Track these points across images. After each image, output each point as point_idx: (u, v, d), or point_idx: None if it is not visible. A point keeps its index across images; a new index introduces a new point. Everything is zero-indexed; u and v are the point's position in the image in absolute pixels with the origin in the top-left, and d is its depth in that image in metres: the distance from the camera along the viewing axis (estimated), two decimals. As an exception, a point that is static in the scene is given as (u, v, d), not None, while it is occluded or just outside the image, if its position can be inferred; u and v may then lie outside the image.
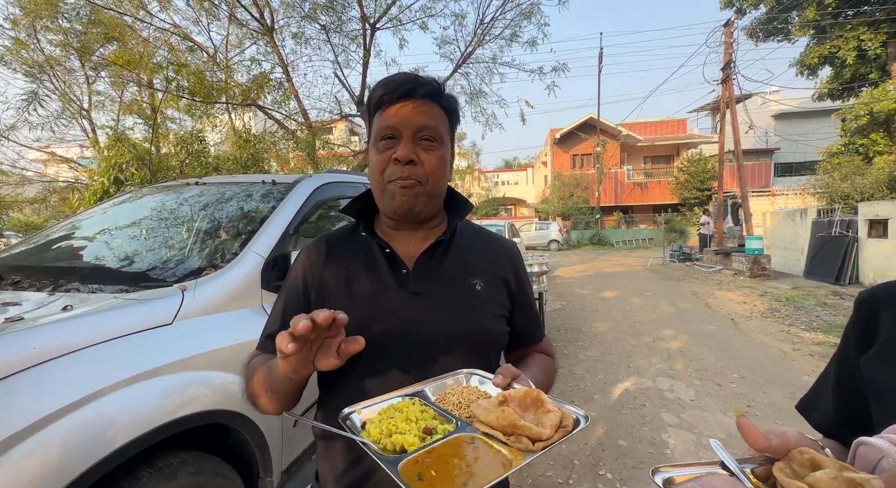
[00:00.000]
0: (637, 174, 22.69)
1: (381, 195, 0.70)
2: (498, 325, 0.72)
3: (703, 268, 10.78)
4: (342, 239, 0.77)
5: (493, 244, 0.80)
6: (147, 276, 1.43)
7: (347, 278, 0.71)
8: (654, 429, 2.57)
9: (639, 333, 4.82)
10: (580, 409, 0.52)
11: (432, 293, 0.69)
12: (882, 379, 0.50)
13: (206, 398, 1.14)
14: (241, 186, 1.96)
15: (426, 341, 0.66)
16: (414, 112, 0.66)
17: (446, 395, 0.58)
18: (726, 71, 11.15)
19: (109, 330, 0.99)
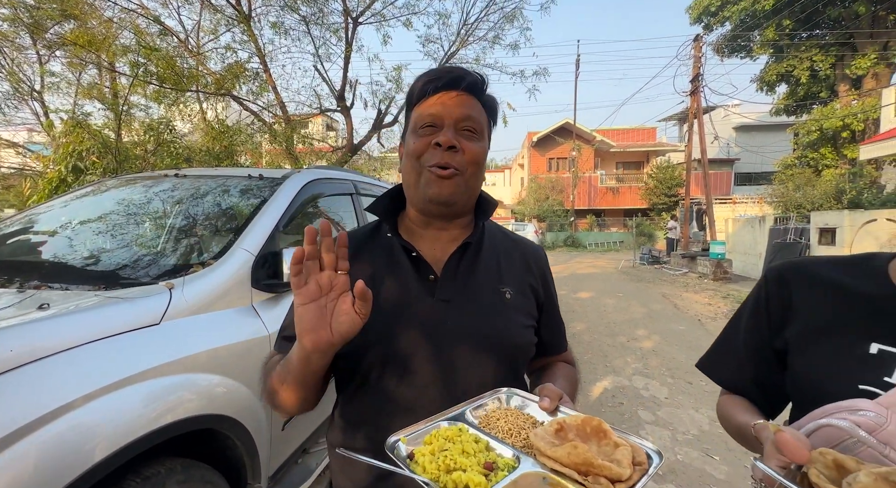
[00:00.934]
0: (609, 179, 23.44)
1: (417, 180, 0.66)
2: (528, 336, 0.70)
3: (670, 271, 11.28)
4: (363, 239, 0.74)
5: (520, 248, 0.78)
6: (129, 273, 1.34)
7: (372, 282, 0.66)
8: (632, 427, 2.66)
9: (614, 333, 4.98)
10: (648, 442, 0.46)
11: (461, 301, 0.66)
12: (806, 358, 0.54)
13: (192, 403, 1.08)
14: (226, 180, 1.88)
15: (454, 351, 0.63)
16: (458, 102, 0.65)
17: (489, 418, 0.53)
18: (695, 83, 11.72)
19: (93, 330, 0.92)
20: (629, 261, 13.70)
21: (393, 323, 0.64)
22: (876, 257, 0.56)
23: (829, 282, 0.56)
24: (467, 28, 7.59)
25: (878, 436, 0.43)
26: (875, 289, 0.52)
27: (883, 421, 0.43)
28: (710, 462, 2.26)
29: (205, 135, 6.02)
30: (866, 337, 0.50)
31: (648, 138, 24.28)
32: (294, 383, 0.58)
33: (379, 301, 0.65)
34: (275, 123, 7.28)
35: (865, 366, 0.49)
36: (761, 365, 0.61)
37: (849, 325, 0.52)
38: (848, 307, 0.53)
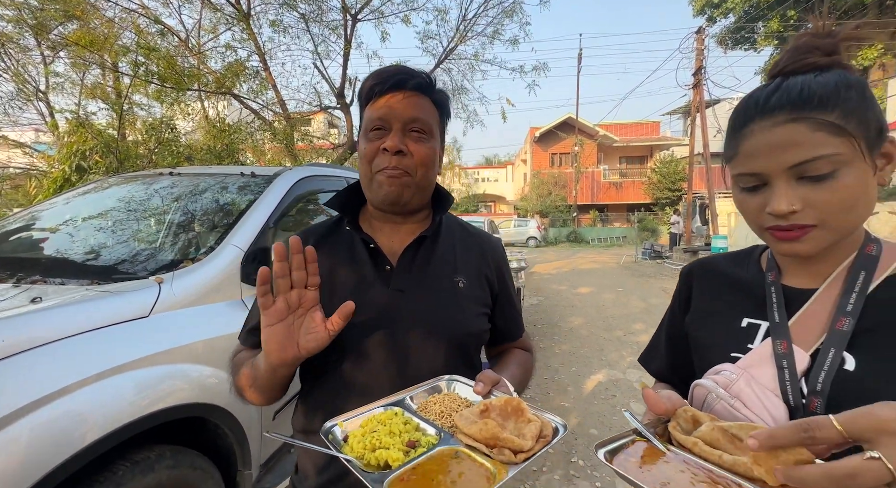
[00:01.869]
0: (612, 174, 23.32)
1: (370, 184, 0.70)
2: (480, 324, 0.73)
3: (672, 266, 11.25)
4: (324, 232, 0.77)
5: (477, 240, 0.81)
6: (120, 269, 1.39)
7: (330, 273, 0.71)
8: (623, 419, 2.67)
9: (611, 327, 5.01)
10: (558, 417, 0.52)
11: (415, 290, 0.69)
12: (698, 335, 0.62)
13: (182, 392, 1.13)
14: (219, 178, 1.92)
15: (407, 338, 0.67)
16: (404, 103, 0.66)
17: (428, 403, 0.58)
18: (697, 76, 11.61)
19: (82, 322, 0.97)
20: (631, 257, 13.66)
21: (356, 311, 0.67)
22: (756, 249, 0.65)
23: (719, 272, 0.65)
24: (466, 23, 7.56)
25: (730, 391, 0.51)
26: (748, 274, 0.61)
27: (735, 379, 0.52)
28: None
29: (206, 133, 6.08)
30: (739, 313, 0.59)
31: (652, 132, 24.09)
32: (261, 388, 0.63)
33: (337, 291, 0.69)
34: (275, 121, 7.33)
35: (736, 337, 0.57)
36: (676, 351, 0.68)
37: (728, 305, 0.61)
38: (729, 291, 0.62)
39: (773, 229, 0.50)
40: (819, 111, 0.46)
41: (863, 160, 0.46)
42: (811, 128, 0.46)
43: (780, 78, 0.51)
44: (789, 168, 0.47)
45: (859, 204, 0.47)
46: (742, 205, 0.54)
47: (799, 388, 0.49)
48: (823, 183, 0.46)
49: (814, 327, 0.51)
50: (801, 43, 0.51)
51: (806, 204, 0.47)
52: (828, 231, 0.48)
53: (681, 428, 0.48)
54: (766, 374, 0.51)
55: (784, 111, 0.47)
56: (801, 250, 0.50)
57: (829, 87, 0.46)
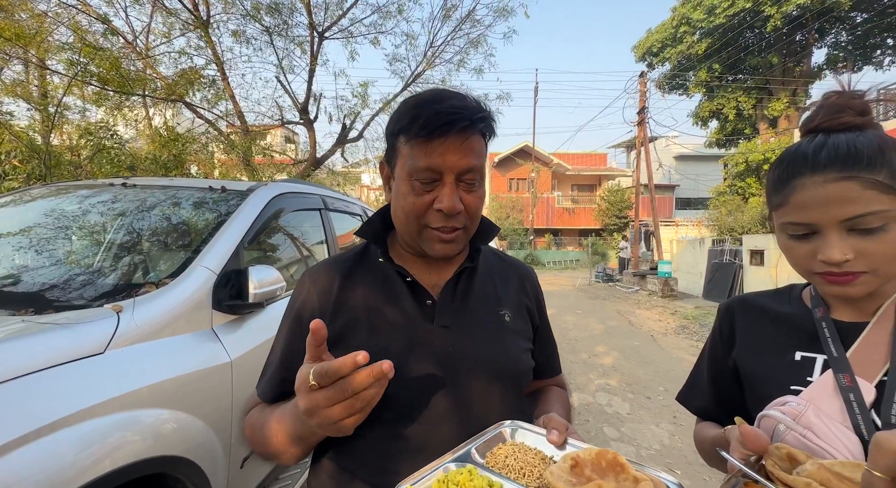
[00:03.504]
0: (566, 200, 24.64)
1: (416, 237, 0.62)
2: (528, 360, 0.68)
3: (623, 289, 11.89)
4: (354, 263, 0.69)
5: (514, 269, 0.76)
6: (63, 296, 1.16)
7: (367, 310, 0.62)
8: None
9: (576, 350, 5.11)
10: (668, 474, 0.45)
11: (461, 326, 0.63)
12: (751, 368, 0.64)
13: (133, 445, 0.94)
14: (183, 191, 1.73)
15: (462, 380, 0.60)
16: (460, 151, 0.57)
17: (496, 456, 0.50)
18: (641, 115, 12.76)
19: (16, 364, 0.77)
20: (585, 279, 14.29)
21: (393, 353, 0.58)
22: (795, 287, 0.69)
23: (761, 308, 0.67)
24: (434, 50, 7.79)
25: (800, 422, 0.52)
26: (794, 310, 0.64)
27: (803, 409, 0.52)
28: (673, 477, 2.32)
29: (151, 142, 5.59)
30: (791, 347, 0.61)
31: (600, 163, 25.95)
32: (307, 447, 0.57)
33: (377, 330, 0.61)
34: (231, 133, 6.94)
35: (792, 370, 0.59)
36: (722, 387, 0.69)
37: (776, 340, 0.63)
38: (774, 326, 0.64)
39: (825, 274, 0.53)
40: (868, 171, 0.49)
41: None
42: (862, 187, 0.49)
43: (821, 135, 0.54)
44: (841, 221, 0.50)
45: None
46: (790, 251, 0.57)
47: (871, 420, 0.49)
48: (874, 236, 0.49)
49: (874, 359, 0.53)
50: (832, 102, 0.55)
51: (857, 253, 0.50)
52: (877, 277, 0.52)
53: (779, 466, 0.46)
54: (833, 407, 0.52)
55: (835, 168, 0.50)
56: (852, 293, 0.53)
57: (874, 148, 0.50)
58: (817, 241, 0.52)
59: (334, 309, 0.63)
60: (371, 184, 12.75)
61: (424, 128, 0.56)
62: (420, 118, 0.57)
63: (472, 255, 0.69)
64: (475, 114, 0.58)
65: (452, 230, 0.60)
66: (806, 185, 0.52)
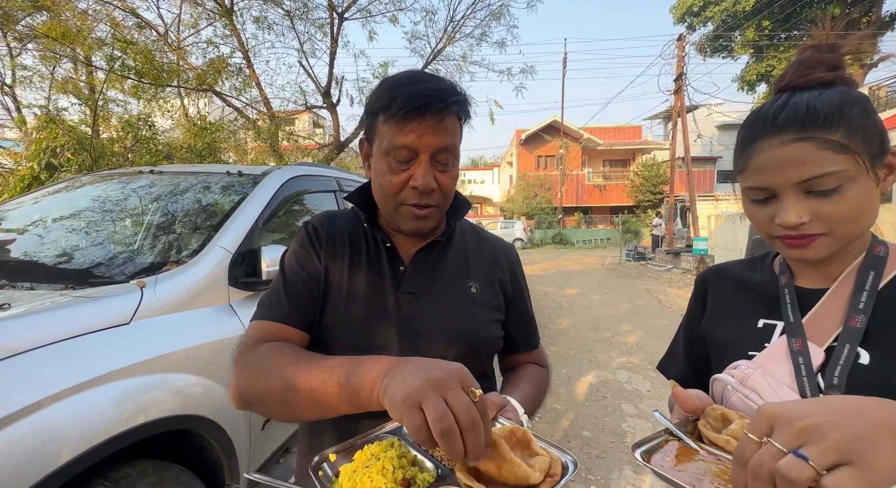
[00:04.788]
0: (596, 176, 23.72)
1: (394, 213, 0.66)
2: (492, 331, 0.71)
3: (655, 267, 11.48)
4: (348, 223, 0.74)
5: (490, 245, 0.79)
6: (97, 272, 1.30)
7: (350, 268, 0.68)
8: (615, 420, 2.70)
9: (599, 329, 5.05)
10: (569, 453, 0.47)
11: (427, 294, 0.67)
12: (715, 337, 0.65)
13: (165, 403, 1.06)
14: (202, 176, 1.84)
15: (420, 345, 0.64)
16: (435, 131, 0.60)
17: None
18: (678, 82, 11.91)
19: (56, 330, 0.89)
20: (615, 258, 13.89)
21: (361, 314, 0.64)
22: (768, 255, 0.68)
23: (733, 277, 0.68)
24: (454, 25, 7.56)
25: (746, 384, 0.54)
26: (762, 278, 0.64)
27: (751, 372, 0.55)
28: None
29: (186, 131, 5.88)
30: (755, 315, 0.61)
31: (634, 136, 24.61)
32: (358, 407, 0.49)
33: (353, 289, 0.66)
34: (259, 120, 7.16)
35: (752, 337, 0.60)
36: (695, 355, 0.71)
37: (743, 308, 0.64)
38: (743, 294, 0.65)
39: (783, 238, 0.53)
40: (824, 130, 0.48)
41: (866, 175, 0.49)
42: (817, 147, 0.48)
43: (787, 93, 0.53)
44: (797, 183, 0.50)
45: (864, 214, 0.50)
46: (752, 215, 0.57)
47: (816, 382, 0.51)
48: (830, 197, 0.49)
49: (827, 325, 0.54)
50: (805, 57, 0.54)
51: (814, 215, 0.50)
52: (835, 239, 0.51)
53: (710, 426, 0.50)
54: (782, 370, 0.53)
55: (791, 129, 0.50)
56: (809, 256, 0.52)
57: (833, 107, 0.49)
58: (775, 205, 0.52)
59: (326, 259, 0.68)
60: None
61: (402, 108, 0.59)
62: (398, 98, 0.59)
63: (445, 230, 0.73)
64: (450, 96, 0.61)
65: (426, 207, 0.64)
66: (764, 148, 0.52)
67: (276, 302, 0.64)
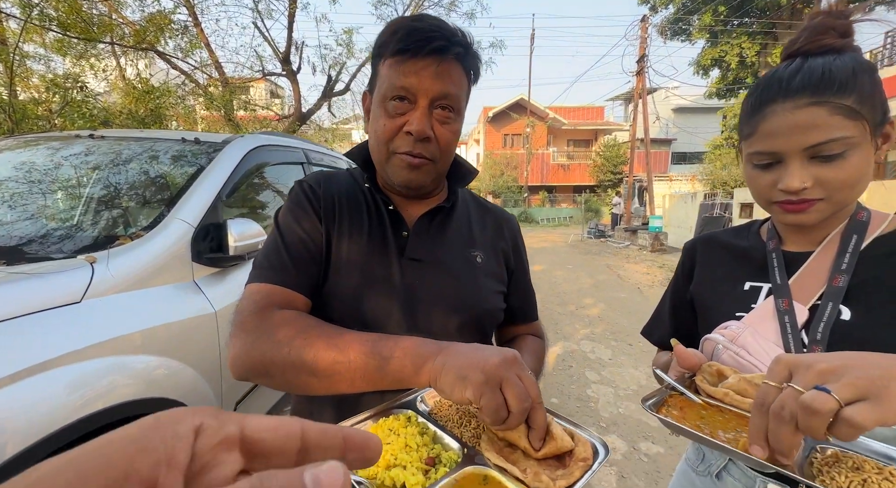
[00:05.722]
0: (561, 156, 24.19)
1: (385, 163, 0.62)
2: (496, 301, 0.69)
3: (615, 244, 12.06)
4: (346, 183, 0.69)
5: (492, 214, 0.76)
6: (32, 248, 1.15)
7: (350, 232, 0.63)
8: (580, 386, 2.87)
9: (564, 302, 5.27)
10: (593, 433, 0.45)
11: (430, 260, 0.64)
12: (704, 300, 0.68)
13: (126, 387, 0.98)
14: (153, 143, 1.66)
15: (424, 314, 0.61)
16: (437, 75, 0.56)
17: (441, 404, 0.50)
18: (640, 64, 12.19)
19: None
20: (578, 236, 14.43)
21: (362, 280, 0.61)
22: (754, 223, 0.71)
23: (721, 244, 0.71)
24: (422, -9, 7.22)
25: (736, 342, 0.56)
26: (750, 243, 0.67)
27: (740, 332, 0.57)
28: (646, 413, 2.50)
29: (125, 95, 5.28)
30: (742, 278, 0.64)
31: (597, 117, 25.17)
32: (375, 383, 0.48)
33: (354, 254, 0.62)
34: (210, 86, 6.57)
35: (740, 299, 0.62)
36: (680, 319, 0.74)
37: (731, 272, 0.66)
38: (731, 260, 0.68)
39: (783, 203, 0.54)
40: (838, 95, 0.49)
41: (869, 142, 0.51)
42: (830, 112, 0.49)
43: (799, 58, 0.53)
44: (804, 149, 0.50)
45: (861, 181, 0.52)
46: (753, 181, 0.58)
47: (800, 339, 0.54)
48: (833, 162, 0.50)
49: (812, 285, 0.56)
50: (817, 23, 0.54)
51: (816, 181, 0.51)
52: (831, 204, 0.53)
53: (707, 381, 0.52)
54: (769, 328, 0.56)
55: (806, 94, 0.50)
56: (806, 220, 0.54)
57: (847, 72, 0.49)
58: (779, 171, 0.53)
59: (327, 217, 0.64)
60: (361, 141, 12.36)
61: (401, 43, 0.56)
62: (398, 34, 0.56)
63: (449, 196, 0.70)
64: (453, 36, 0.57)
65: (420, 157, 0.60)
66: (777, 112, 0.52)
67: (279, 264, 0.59)
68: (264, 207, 1.88)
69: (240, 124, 6.30)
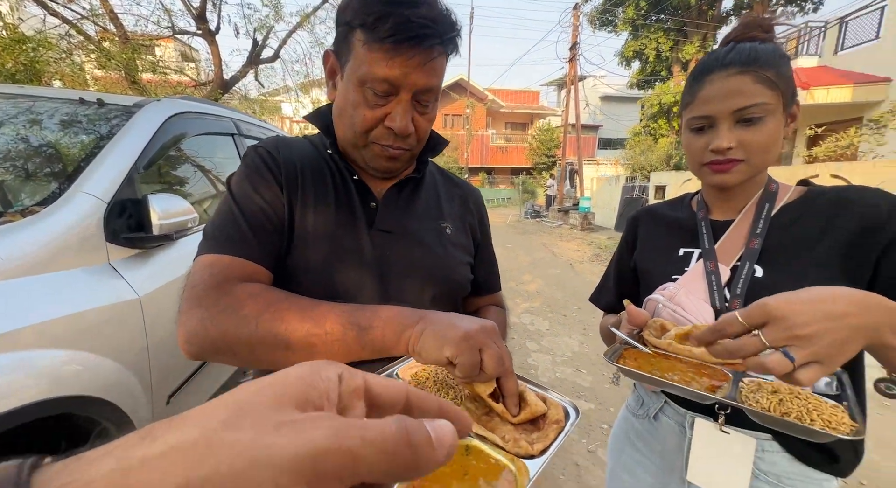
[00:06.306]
0: (499, 138, 24.76)
1: (362, 149, 0.59)
2: (465, 273, 0.70)
3: (549, 224, 12.80)
4: (306, 149, 0.64)
5: (459, 187, 0.77)
6: None
7: (315, 202, 0.59)
8: (522, 356, 3.07)
9: (505, 279, 5.43)
10: (564, 397, 0.46)
11: (400, 232, 0.63)
12: (645, 266, 0.77)
13: (29, 389, 0.85)
14: (44, 103, 1.39)
15: (396, 285, 0.60)
16: (424, 70, 0.53)
17: (418, 377, 0.50)
18: (573, 51, 12.74)
19: None
20: (516, 216, 15.05)
21: (329, 253, 0.58)
22: (686, 195, 0.81)
23: (660, 216, 0.80)
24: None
25: (673, 301, 0.65)
26: (683, 214, 0.76)
27: (676, 291, 0.66)
28: (580, 375, 2.77)
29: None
30: (677, 245, 0.73)
31: (533, 101, 26.03)
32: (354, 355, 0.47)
33: (319, 226, 0.59)
34: (103, 40, 5.60)
35: (675, 263, 0.70)
36: (624, 285, 0.82)
37: (668, 240, 0.74)
38: (667, 229, 0.77)
39: (711, 163, 0.63)
40: (762, 68, 0.58)
41: (782, 113, 0.60)
42: (754, 80, 0.58)
43: (732, 43, 0.64)
44: (732, 112, 0.59)
45: (774, 147, 0.61)
46: (689, 145, 0.66)
47: (724, 295, 0.63)
48: (754, 126, 0.59)
49: (733, 248, 0.66)
50: (748, 20, 0.64)
51: (739, 143, 0.60)
52: (750, 166, 0.62)
53: (653, 335, 0.61)
54: (699, 287, 0.66)
55: (737, 65, 0.59)
56: (729, 180, 0.63)
57: (769, 53, 0.59)
58: (710, 134, 0.62)
59: (287, 184, 0.59)
60: (294, 115, 11.32)
61: (392, 37, 0.51)
62: (388, 21, 0.50)
63: (419, 168, 0.69)
64: (448, 31, 0.54)
65: (399, 149, 0.59)
66: (714, 80, 0.61)
67: (237, 235, 0.53)
68: (186, 183, 1.69)
69: (146, 88, 5.49)
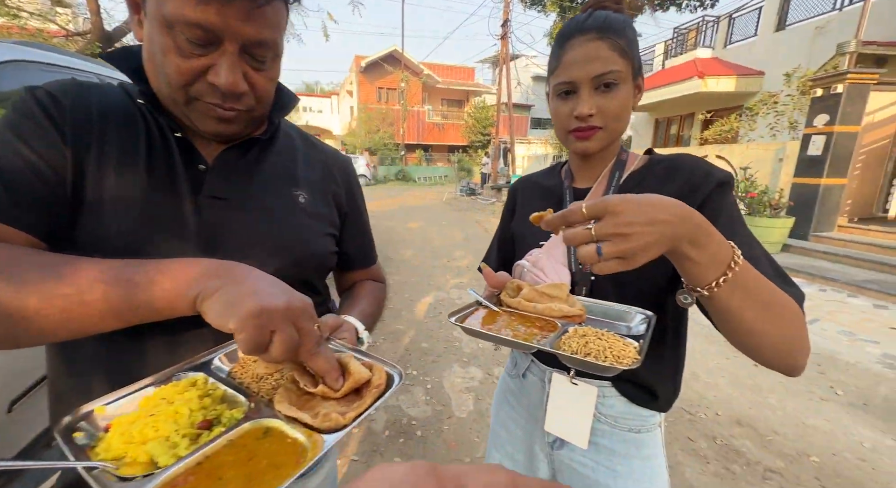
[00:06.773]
0: (436, 115, 24.45)
1: (184, 107, 0.49)
2: (324, 244, 0.63)
3: (483, 201, 13.10)
4: (110, 97, 0.52)
5: (322, 154, 0.68)
6: None
7: (118, 161, 0.48)
8: (447, 330, 3.13)
9: (437, 256, 5.57)
10: (392, 363, 0.45)
11: (240, 200, 0.54)
12: (518, 233, 0.80)
13: None
14: None
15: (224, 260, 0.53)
16: (251, 16, 0.45)
17: (245, 360, 0.46)
18: (504, 28, 12.78)
19: None
20: (452, 194, 15.17)
21: (138, 223, 0.48)
22: (559, 164, 0.83)
23: (534, 184, 0.84)
24: None
25: (536, 265, 0.69)
26: (553, 183, 0.80)
27: (539, 257, 0.70)
28: (502, 343, 2.91)
29: None
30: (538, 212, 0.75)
31: (468, 77, 25.91)
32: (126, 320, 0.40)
33: (124, 190, 0.48)
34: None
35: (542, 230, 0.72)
36: (505, 250, 0.86)
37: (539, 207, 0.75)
38: (540, 197, 0.80)
39: (575, 131, 0.65)
40: (616, 36, 0.61)
41: (631, 83, 0.64)
42: (610, 47, 0.61)
43: (590, 10, 0.66)
44: (592, 78, 0.62)
45: (625, 115, 0.65)
46: (556, 111, 0.67)
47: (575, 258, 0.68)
48: (610, 92, 0.62)
49: None
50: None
51: (598, 109, 0.63)
52: (607, 133, 0.65)
53: (509, 295, 0.65)
54: (559, 252, 0.70)
55: (594, 31, 0.61)
56: (591, 147, 0.66)
57: (620, 22, 0.63)
58: (574, 101, 0.64)
59: (74, 136, 0.47)
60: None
61: None
62: None
63: (268, 128, 0.59)
64: None
65: (232, 111, 0.50)
66: (574, 45, 0.63)
67: None
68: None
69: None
